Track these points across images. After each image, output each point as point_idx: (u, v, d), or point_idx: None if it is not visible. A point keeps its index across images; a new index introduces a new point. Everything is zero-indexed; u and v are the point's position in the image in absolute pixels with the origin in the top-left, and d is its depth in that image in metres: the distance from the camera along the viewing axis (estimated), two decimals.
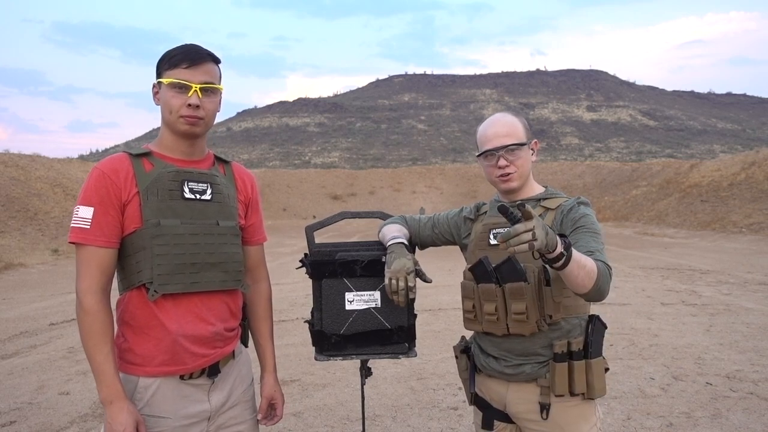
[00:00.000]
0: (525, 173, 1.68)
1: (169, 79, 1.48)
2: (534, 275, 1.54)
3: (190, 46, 1.52)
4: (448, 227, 1.86)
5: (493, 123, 1.71)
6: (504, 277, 1.55)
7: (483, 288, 1.60)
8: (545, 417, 1.60)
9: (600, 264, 1.43)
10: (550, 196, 1.70)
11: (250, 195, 1.70)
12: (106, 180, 1.44)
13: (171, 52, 1.51)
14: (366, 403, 3.62)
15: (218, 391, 1.58)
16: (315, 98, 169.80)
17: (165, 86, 1.49)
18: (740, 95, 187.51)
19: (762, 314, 6.41)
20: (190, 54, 1.50)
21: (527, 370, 1.62)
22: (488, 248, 1.68)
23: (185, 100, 1.48)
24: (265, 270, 1.80)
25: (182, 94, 1.48)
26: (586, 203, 1.66)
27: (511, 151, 1.65)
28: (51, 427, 3.61)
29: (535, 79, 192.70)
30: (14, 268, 11.97)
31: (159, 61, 1.53)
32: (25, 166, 19.78)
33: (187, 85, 1.48)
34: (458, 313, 6.78)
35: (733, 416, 3.55)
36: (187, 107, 1.49)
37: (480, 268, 1.60)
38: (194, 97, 1.48)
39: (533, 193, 1.72)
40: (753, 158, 22.38)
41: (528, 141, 1.69)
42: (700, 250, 13.66)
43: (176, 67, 1.48)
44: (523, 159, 1.67)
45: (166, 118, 1.52)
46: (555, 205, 1.65)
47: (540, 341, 1.60)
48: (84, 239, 1.42)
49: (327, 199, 34.61)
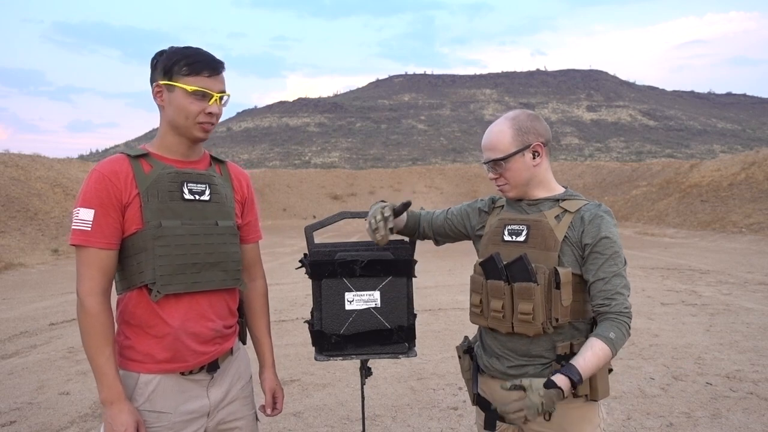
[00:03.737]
0: (519, 182, 1.63)
1: (192, 87, 1.48)
2: (544, 277, 1.52)
3: (206, 53, 1.52)
4: (460, 218, 1.83)
5: (486, 134, 1.68)
6: (514, 275, 1.54)
7: (491, 284, 1.60)
8: (548, 418, 1.59)
9: (611, 338, 1.47)
10: (570, 198, 1.65)
11: (246, 194, 1.71)
12: (106, 182, 1.44)
13: (188, 57, 1.49)
14: (366, 403, 3.61)
15: (217, 386, 1.60)
16: (315, 98, 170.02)
17: (183, 92, 1.48)
18: (740, 95, 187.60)
19: (762, 314, 6.41)
20: (211, 63, 1.50)
21: (530, 371, 1.61)
22: (501, 244, 1.65)
23: (204, 108, 1.50)
24: (260, 267, 1.81)
25: (202, 102, 1.49)
26: (608, 212, 1.60)
27: (498, 164, 1.63)
28: (51, 427, 3.61)
29: (535, 79, 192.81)
30: (14, 268, 11.97)
31: (168, 62, 1.49)
32: (25, 166, 19.78)
33: (208, 93, 1.49)
34: (458, 313, 6.78)
35: (733, 416, 3.55)
36: (206, 115, 1.50)
37: (490, 263, 1.59)
38: (214, 106, 1.51)
39: (551, 194, 1.66)
40: (753, 158, 22.37)
41: (519, 148, 1.60)
42: (700, 250, 13.66)
43: (198, 75, 1.48)
44: (513, 170, 1.62)
45: (179, 122, 1.51)
46: (575, 208, 1.60)
47: (544, 343, 1.59)
48: (85, 241, 1.42)
49: (327, 199, 34.61)
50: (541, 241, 1.58)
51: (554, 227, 1.58)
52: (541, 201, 1.66)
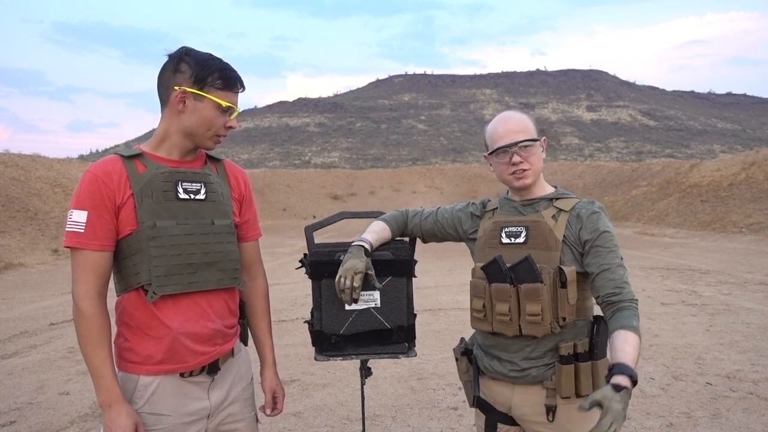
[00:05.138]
0: (538, 170, 1.65)
1: (226, 103, 1.51)
2: (550, 276, 1.52)
3: (234, 69, 1.54)
4: (451, 221, 1.82)
5: (505, 120, 1.67)
6: (519, 277, 1.53)
7: (496, 288, 1.58)
8: (551, 419, 1.58)
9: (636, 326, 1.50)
10: (562, 196, 1.66)
11: (244, 192, 1.70)
12: (99, 183, 1.43)
13: (223, 71, 1.50)
14: (366, 403, 3.61)
15: (218, 388, 1.59)
16: (315, 98, 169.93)
17: (212, 104, 1.49)
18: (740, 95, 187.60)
19: (762, 314, 6.41)
20: (240, 80, 1.55)
21: (533, 373, 1.60)
22: (500, 247, 1.64)
23: (226, 122, 1.55)
24: (261, 266, 1.79)
25: (224, 115, 1.54)
26: (602, 208, 1.62)
27: (524, 148, 1.62)
28: (51, 427, 3.61)
29: (535, 79, 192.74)
30: (14, 268, 11.97)
31: (202, 72, 1.47)
32: (25, 166, 19.78)
33: (234, 109, 1.55)
34: (458, 313, 6.77)
35: (733, 416, 3.55)
36: (225, 128, 1.56)
37: (494, 267, 1.57)
38: (234, 120, 1.57)
39: (544, 192, 1.68)
40: (753, 158, 22.35)
41: (538, 138, 1.66)
42: (700, 250, 13.65)
43: (230, 90, 1.52)
44: (536, 156, 1.64)
45: (198, 132, 1.51)
46: (569, 207, 1.61)
47: (547, 344, 1.58)
48: (78, 243, 1.41)
49: (327, 199, 34.60)
50: (542, 242, 1.58)
51: (553, 227, 1.58)
52: (536, 201, 1.67)
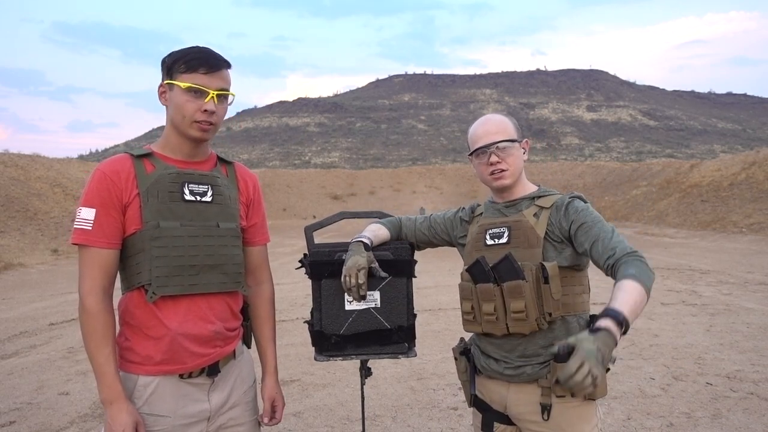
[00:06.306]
0: (517, 171, 1.68)
1: (186, 84, 1.45)
2: (532, 273, 1.53)
3: (207, 51, 1.50)
4: (444, 227, 1.86)
5: (484, 122, 1.72)
6: (502, 276, 1.55)
7: (481, 288, 1.60)
8: (546, 418, 1.59)
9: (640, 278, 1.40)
10: (544, 195, 1.70)
11: (252, 196, 1.68)
12: (107, 181, 1.44)
13: (187, 55, 1.48)
14: (366, 403, 3.61)
15: (218, 391, 1.58)
16: (315, 98, 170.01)
17: (179, 90, 1.46)
18: (740, 95, 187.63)
19: (762, 314, 6.40)
20: (208, 59, 1.48)
21: (528, 371, 1.61)
22: (484, 248, 1.68)
23: (200, 106, 1.47)
24: (267, 271, 1.78)
25: (198, 99, 1.47)
26: (580, 197, 1.66)
27: (502, 148, 1.65)
28: (51, 427, 3.61)
29: (535, 79, 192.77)
30: (14, 268, 11.97)
31: (170, 62, 1.48)
32: (24, 166, 19.78)
33: (204, 90, 1.46)
34: (458, 313, 6.76)
35: (733, 416, 3.55)
36: (202, 113, 1.47)
37: (477, 267, 1.60)
38: (210, 103, 1.47)
39: (526, 192, 1.71)
40: (753, 158, 22.36)
41: (519, 139, 1.70)
42: (700, 250, 13.65)
43: (194, 72, 1.46)
44: (515, 156, 1.67)
45: (177, 121, 1.49)
46: (549, 204, 1.64)
47: (540, 341, 1.59)
48: (86, 240, 1.42)
49: (327, 199, 34.60)
50: (523, 240, 1.61)
51: (534, 224, 1.61)
52: (519, 201, 1.70)
